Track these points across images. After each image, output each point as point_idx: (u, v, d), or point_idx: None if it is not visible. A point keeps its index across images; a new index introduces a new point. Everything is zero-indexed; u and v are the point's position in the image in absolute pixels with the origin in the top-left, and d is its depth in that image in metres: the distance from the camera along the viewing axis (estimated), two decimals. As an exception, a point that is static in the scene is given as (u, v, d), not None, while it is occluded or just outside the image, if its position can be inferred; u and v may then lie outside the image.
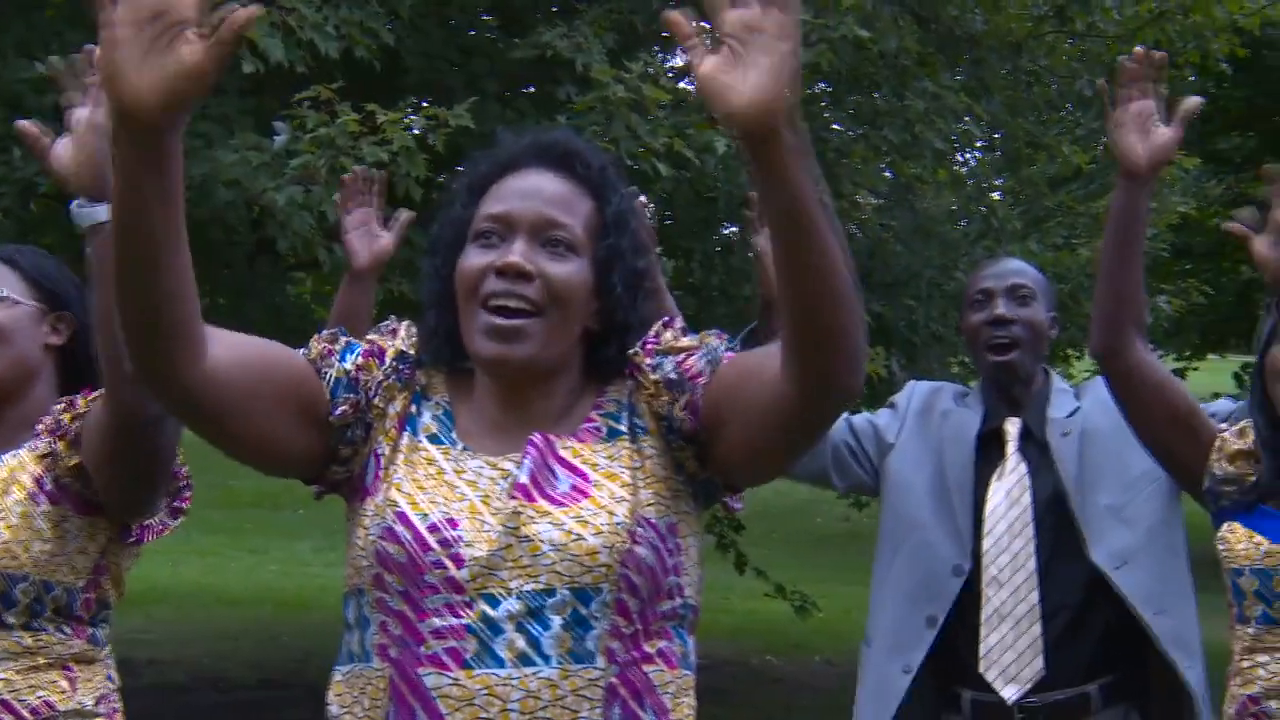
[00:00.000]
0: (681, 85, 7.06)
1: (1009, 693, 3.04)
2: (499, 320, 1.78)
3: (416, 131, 5.19)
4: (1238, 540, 2.61)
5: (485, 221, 1.84)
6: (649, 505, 1.78)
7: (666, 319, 1.90)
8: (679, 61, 8.26)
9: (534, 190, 1.85)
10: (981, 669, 3.05)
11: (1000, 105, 8.09)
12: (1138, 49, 2.67)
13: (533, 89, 7.02)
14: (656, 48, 7.16)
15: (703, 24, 1.54)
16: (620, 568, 1.73)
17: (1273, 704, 2.54)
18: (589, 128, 5.46)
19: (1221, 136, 12.24)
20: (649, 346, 1.86)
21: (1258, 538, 2.58)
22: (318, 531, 14.36)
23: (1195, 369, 16.45)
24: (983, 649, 3.06)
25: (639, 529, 1.75)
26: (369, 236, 3.06)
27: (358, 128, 5.06)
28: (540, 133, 1.94)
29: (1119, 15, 7.80)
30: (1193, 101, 2.67)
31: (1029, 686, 3.03)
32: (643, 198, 3.15)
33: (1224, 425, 2.75)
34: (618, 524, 1.74)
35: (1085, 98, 8.64)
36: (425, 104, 5.90)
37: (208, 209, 5.33)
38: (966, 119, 8.17)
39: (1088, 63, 8.09)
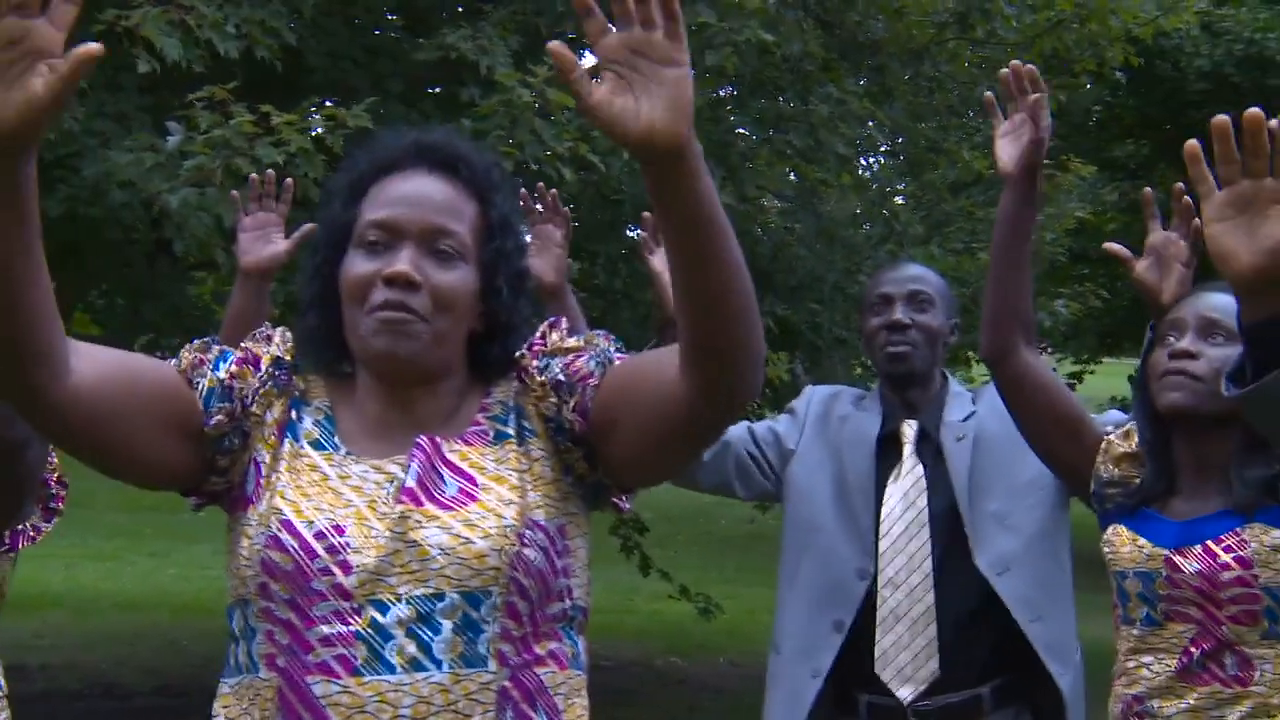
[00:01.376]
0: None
1: (905, 693, 3.07)
2: (387, 314, 1.77)
3: (318, 132, 5.15)
4: (1122, 543, 2.65)
5: (371, 229, 1.82)
6: (537, 507, 1.78)
7: (552, 320, 1.90)
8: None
9: (420, 196, 1.83)
10: (877, 669, 3.08)
11: (902, 111, 8.18)
12: (1014, 63, 2.72)
13: (438, 90, 6.99)
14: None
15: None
16: (509, 570, 1.72)
17: (1155, 703, 2.59)
18: (493, 131, 5.45)
19: (1116, 144, 12.47)
20: (535, 348, 1.86)
21: (1141, 540, 2.62)
22: (217, 535, 14.00)
23: (1092, 372, 16.73)
24: (878, 650, 3.09)
25: (527, 531, 1.75)
26: (264, 240, 3.04)
27: (253, 129, 5.00)
28: (422, 133, 1.92)
29: (1018, 23, 7.92)
30: (1035, 100, 2.70)
31: (924, 687, 3.06)
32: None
33: (1110, 429, 2.80)
34: (506, 527, 1.74)
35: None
36: (328, 104, 5.85)
37: (103, 209, 5.25)
38: (870, 124, 8.25)
39: (988, 70, 8.20)
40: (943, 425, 3.20)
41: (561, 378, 1.81)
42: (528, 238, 2.46)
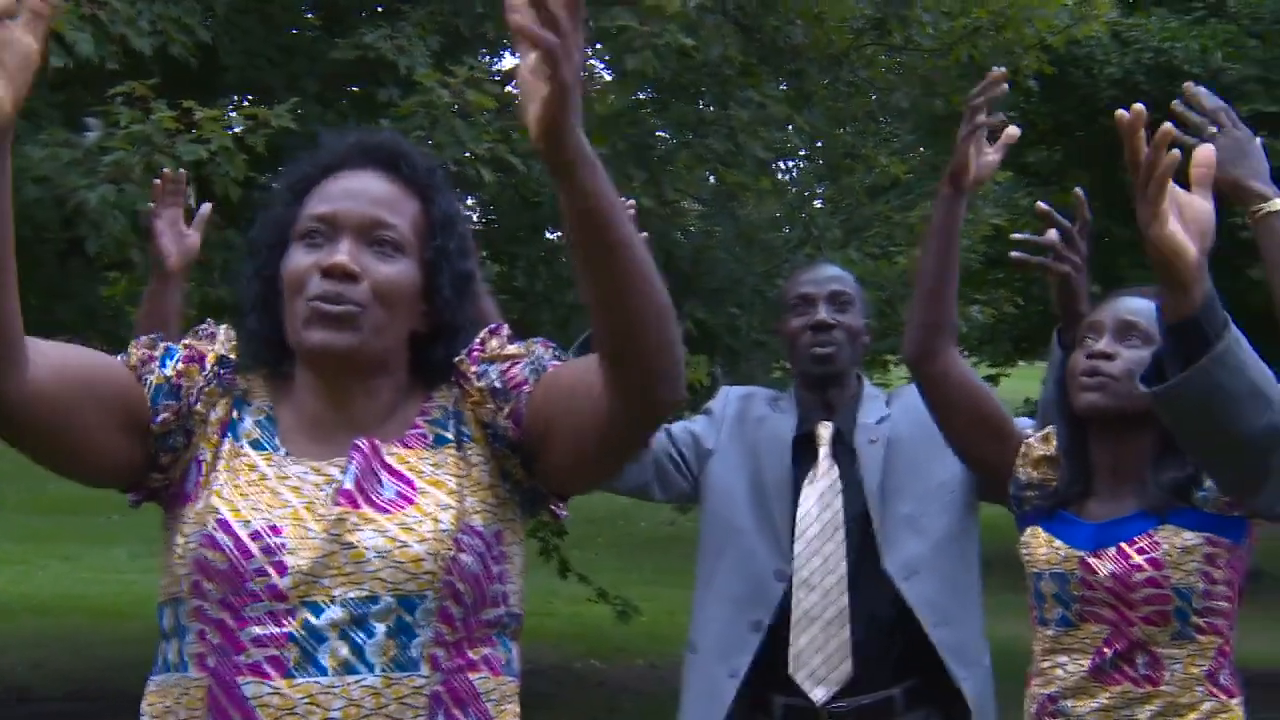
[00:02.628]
0: (507, 89, 7.04)
1: (818, 694, 3.07)
2: (325, 306, 1.76)
3: (236, 130, 5.10)
4: (1039, 545, 2.69)
5: (310, 221, 1.81)
6: (475, 513, 1.78)
7: (493, 326, 1.89)
8: (504, 65, 8.25)
9: (360, 190, 1.83)
10: (791, 670, 3.09)
11: (821, 116, 8.24)
12: (995, 70, 2.73)
13: (356, 90, 6.94)
14: (482, 50, 7.14)
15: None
16: (445, 575, 1.72)
17: (1069, 703, 2.63)
18: (413, 132, 5.42)
19: (1030, 150, 12.61)
20: (475, 354, 1.85)
21: (1057, 542, 2.66)
22: (133, 537, 14.00)
23: (1007, 375, 16.95)
24: (792, 651, 3.09)
25: (464, 536, 1.75)
26: (178, 236, 3.03)
27: (174, 125, 4.94)
28: (365, 134, 1.93)
29: (934, 30, 8.01)
30: (1012, 131, 2.74)
31: (837, 688, 3.07)
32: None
33: (1030, 431, 2.84)
34: (443, 531, 1.73)
35: (902, 110, 8.86)
36: (246, 102, 5.79)
37: (14, 205, 5.16)
38: (789, 129, 8.30)
39: (905, 76, 8.30)
40: (857, 427, 3.22)
41: (498, 384, 1.81)
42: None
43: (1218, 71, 10.70)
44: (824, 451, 3.20)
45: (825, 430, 3.22)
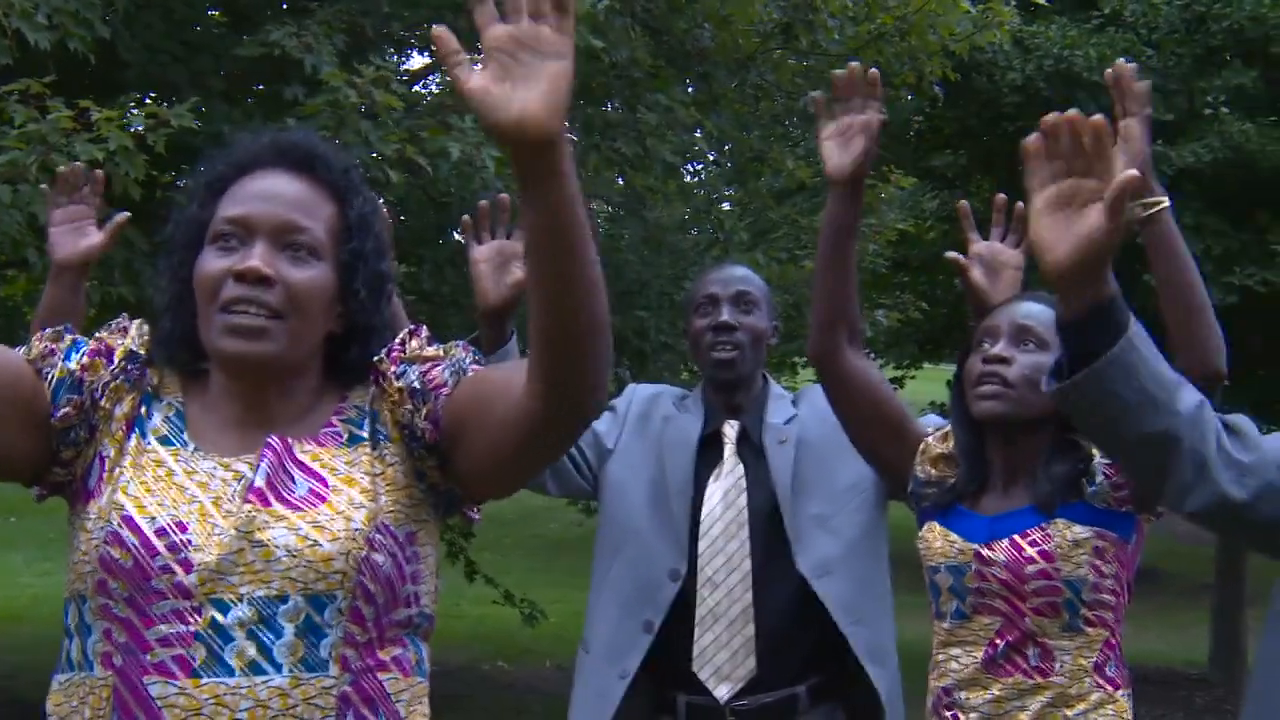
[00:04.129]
0: (415, 89, 7.00)
1: (722, 692, 3.10)
2: (239, 319, 1.75)
3: (137, 129, 5.02)
4: (935, 539, 2.74)
5: (224, 224, 1.80)
6: (388, 512, 1.77)
7: (413, 327, 1.89)
8: (411, 65, 8.21)
9: (274, 193, 1.82)
10: (695, 668, 3.11)
11: (728, 119, 8.28)
12: (852, 64, 2.75)
13: (261, 88, 6.87)
14: (389, 50, 7.10)
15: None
16: (356, 575, 1.71)
17: (962, 694, 2.68)
18: (319, 132, 5.37)
19: (935, 155, 12.75)
20: (395, 354, 1.85)
21: (953, 536, 2.71)
22: (30, 541, 13.73)
23: (913, 377, 17.14)
24: (696, 649, 3.11)
25: (377, 535, 1.74)
26: (77, 233, 2.97)
27: (71, 124, 4.85)
28: (281, 134, 1.91)
29: (840, 36, 8.08)
30: (873, 118, 2.73)
31: (741, 685, 3.10)
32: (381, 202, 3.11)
33: (930, 429, 2.88)
34: (355, 530, 1.73)
35: (809, 114, 8.92)
36: (147, 100, 5.70)
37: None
38: (697, 132, 8.33)
39: (812, 80, 8.36)
40: (765, 427, 3.24)
41: (417, 385, 1.81)
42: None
43: (1116, 79, 10.87)
44: (729, 450, 3.23)
45: (731, 429, 3.25)
